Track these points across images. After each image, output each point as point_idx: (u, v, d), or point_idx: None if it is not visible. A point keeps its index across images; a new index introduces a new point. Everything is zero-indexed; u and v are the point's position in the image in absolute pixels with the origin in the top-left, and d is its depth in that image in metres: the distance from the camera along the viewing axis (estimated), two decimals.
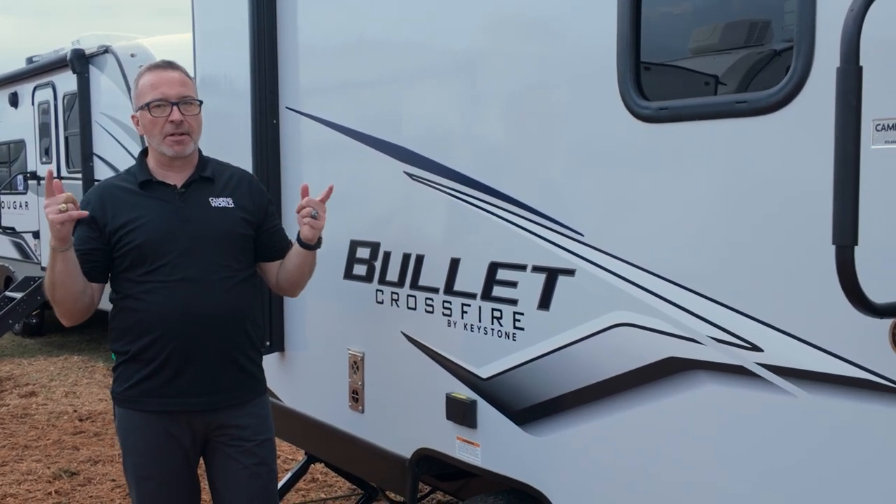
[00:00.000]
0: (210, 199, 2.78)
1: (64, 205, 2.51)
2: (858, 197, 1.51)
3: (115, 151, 8.54)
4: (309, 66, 3.50)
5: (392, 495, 4.24)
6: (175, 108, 2.69)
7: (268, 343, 3.69)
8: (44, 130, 9.97)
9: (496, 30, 2.67)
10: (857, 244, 1.52)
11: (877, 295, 1.66)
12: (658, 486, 2.25)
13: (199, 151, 2.86)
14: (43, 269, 9.94)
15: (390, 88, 3.11)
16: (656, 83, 2.27)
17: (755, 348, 1.99)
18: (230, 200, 2.80)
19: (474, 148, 2.76)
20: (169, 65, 2.79)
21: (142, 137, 2.85)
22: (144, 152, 2.84)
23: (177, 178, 2.77)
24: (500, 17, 2.66)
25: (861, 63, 1.68)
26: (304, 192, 2.80)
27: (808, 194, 1.85)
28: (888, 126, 1.72)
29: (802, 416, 1.91)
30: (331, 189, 2.81)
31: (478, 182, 2.72)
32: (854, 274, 1.53)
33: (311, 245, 2.81)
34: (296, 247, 2.84)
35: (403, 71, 3.04)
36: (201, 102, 2.80)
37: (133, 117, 2.80)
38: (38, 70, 9.84)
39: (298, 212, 2.78)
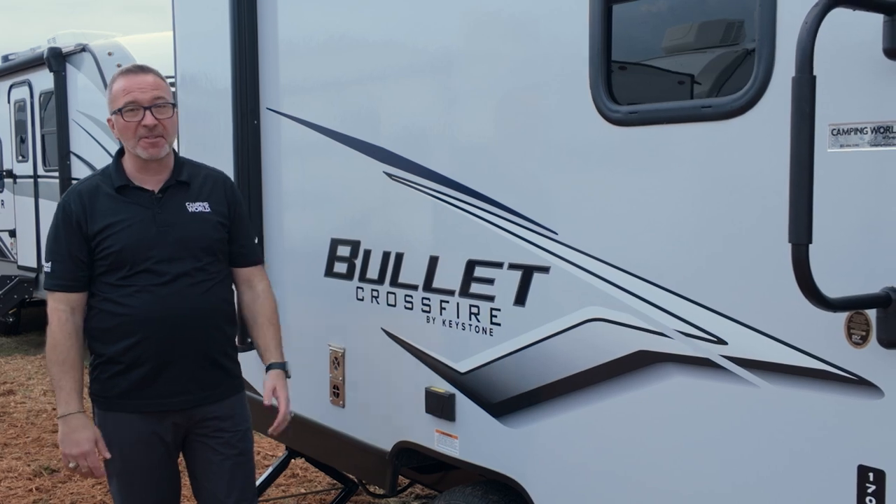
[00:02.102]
0: (186, 203, 2.82)
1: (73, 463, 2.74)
2: (812, 198, 1.60)
3: (93, 150, 8.54)
4: (289, 67, 3.56)
5: (372, 488, 4.32)
6: (148, 112, 2.72)
7: (248, 340, 3.74)
8: (20, 129, 9.94)
9: (473, 32, 2.75)
10: (811, 242, 1.61)
11: (836, 290, 1.77)
12: (629, 475, 2.34)
13: (175, 154, 2.90)
14: (20, 267, 9.92)
15: (369, 89, 3.18)
16: (627, 86, 2.36)
17: (720, 341, 2.08)
18: (206, 205, 2.85)
19: (452, 148, 2.84)
20: (141, 69, 2.82)
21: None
22: (121, 152, 2.86)
23: (153, 182, 2.81)
24: (477, 19, 2.74)
25: (816, 72, 1.78)
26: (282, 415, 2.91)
27: (768, 194, 1.94)
28: (843, 131, 1.82)
29: (764, 406, 2.00)
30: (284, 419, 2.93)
31: (456, 182, 2.80)
32: (808, 270, 1.62)
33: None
34: (263, 357, 2.97)
35: (382, 72, 3.12)
36: (174, 105, 2.83)
37: (108, 120, 2.83)
38: (14, 68, 9.80)
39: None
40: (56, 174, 8.93)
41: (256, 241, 3.29)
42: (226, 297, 2.90)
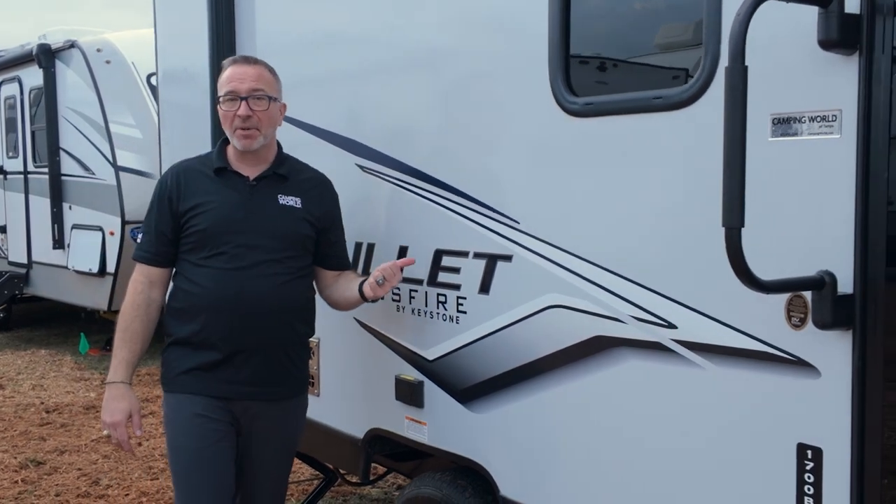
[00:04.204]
0: (279, 195, 2.82)
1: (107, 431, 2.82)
2: (745, 183, 1.67)
3: (82, 146, 8.59)
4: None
5: (352, 478, 4.38)
6: (243, 102, 2.74)
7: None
8: (10, 125, 9.98)
9: (438, 27, 2.81)
10: (743, 226, 1.68)
11: (778, 273, 1.83)
12: (587, 457, 2.41)
13: (279, 148, 2.91)
14: (10, 263, 9.97)
15: (340, 84, 3.24)
16: (585, 79, 2.42)
17: (670, 325, 2.15)
18: (298, 201, 2.83)
19: (420, 140, 2.90)
20: (247, 60, 2.86)
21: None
22: (227, 140, 2.88)
23: (251, 171, 2.83)
24: (442, 14, 2.80)
25: (759, 64, 1.85)
26: (403, 263, 2.82)
27: (715, 182, 1.99)
28: (783, 120, 1.88)
29: (711, 388, 2.07)
30: (411, 261, 2.84)
31: (423, 173, 2.86)
32: (741, 253, 1.69)
33: (368, 300, 2.84)
34: (355, 289, 2.86)
35: (352, 68, 3.17)
36: (274, 99, 2.81)
37: (218, 106, 2.85)
38: (3, 65, 9.84)
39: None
40: (46, 170, 8.98)
41: None
42: (303, 293, 2.87)
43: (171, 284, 2.86)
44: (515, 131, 2.56)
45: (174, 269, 2.86)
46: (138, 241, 2.87)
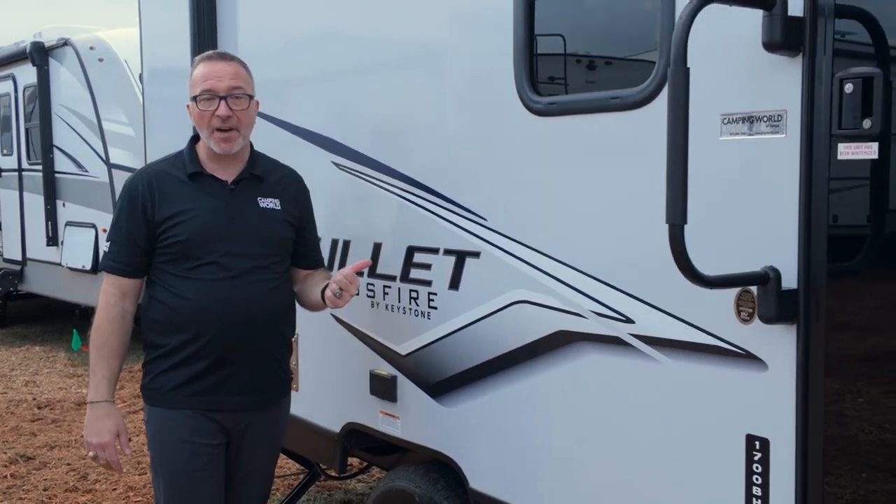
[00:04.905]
0: (258, 198, 2.72)
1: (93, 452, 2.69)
2: (687, 182, 1.71)
3: (75, 144, 8.65)
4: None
5: (334, 473, 4.43)
6: (223, 102, 2.61)
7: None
8: (5, 123, 10.03)
9: (412, 27, 2.86)
10: (686, 223, 1.72)
11: (730, 269, 1.88)
12: (551, 449, 2.46)
13: (251, 146, 2.80)
14: (5, 260, 10.02)
15: (317, 83, 3.29)
16: (550, 79, 2.47)
17: (628, 320, 2.20)
18: (277, 202, 2.75)
19: (392, 139, 2.95)
20: (222, 56, 2.74)
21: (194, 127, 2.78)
22: (196, 138, 2.76)
23: (226, 173, 2.71)
24: (412, 15, 2.84)
25: (709, 65, 1.90)
26: (358, 267, 2.76)
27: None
28: (732, 120, 1.93)
29: (665, 381, 2.12)
30: (366, 263, 2.86)
31: (397, 171, 2.91)
32: (684, 249, 1.73)
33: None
34: (318, 294, 2.78)
35: (327, 67, 3.23)
36: (252, 97, 2.70)
37: (187, 106, 2.70)
38: None
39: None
40: (40, 168, 9.03)
41: None
42: (288, 296, 2.83)
43: (146, 295, 2.72)
44: (483, 130, 2.61)
45: (147, 279, 2.73)
46: (104, 249, 2.72)
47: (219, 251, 2.63)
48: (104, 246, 2.73)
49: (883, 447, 1.83)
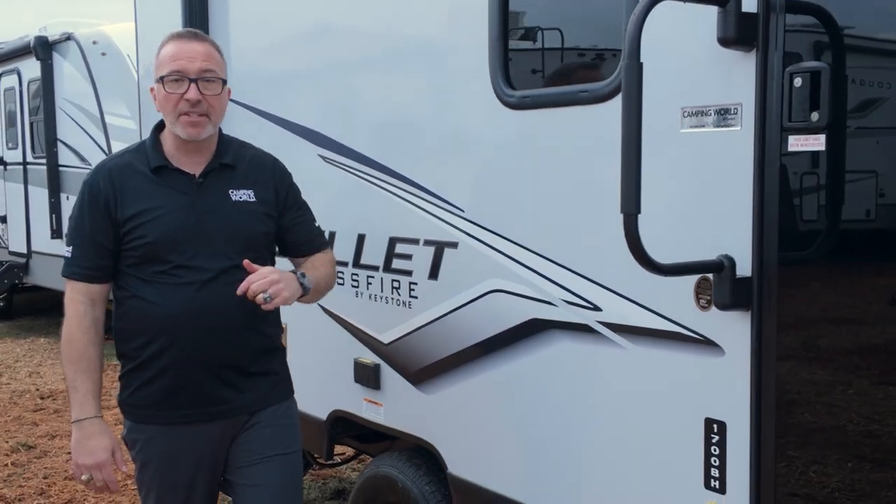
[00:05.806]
0: (230, 191, 2.47)
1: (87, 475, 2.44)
2: (640, 172, 1.77)
3: (79, 137, 8.74)
4: (238, 59, 3.73)
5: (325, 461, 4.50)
6: (193, 84, 2.36)
7: None
8: (10, 116, 10.14)
9: (391, 25, 2.92)
10: (639, 212, 1.78)
11: (688, 257, 1.94)
12: (525, 435, 2.52)
13: (220, 132, 2.53)
14: (11, 253, 10.13)
15: (304, 77, 3.36)
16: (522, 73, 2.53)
17: (596, 308, 2.26)
18: (251, 193, 2.49)
19: (376, 132, 3.02)
20: (195, 35, 2.48)
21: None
22: (160, 126, 2.50)
23: (194, 165, 2.46)
24: (394, 11, 2.90)
25: (673, 60, 1.96)
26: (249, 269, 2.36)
27: None
28: (692, 113, 1.98)
29: (630, 366, 2.18)
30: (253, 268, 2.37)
31: (379, 163, 2.98)
32: (638, 238, 1.79)
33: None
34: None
35: (315, 62, 3.29)
36: (225, 81, 2.45)
37: (151, 89, 2.45)
38: (3, 57, 9.99)
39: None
40: (44, 161, 9.13)
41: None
42: None
43: (117, 304, 2.49)
44: (460, 123, 2.67)
45: (114, 283, 2.48)
46: (65, 255, 2.47)
47: (189, 252, 2.39)
48: (65, 251, 2.47)
49: (835, 430, 1.89)
